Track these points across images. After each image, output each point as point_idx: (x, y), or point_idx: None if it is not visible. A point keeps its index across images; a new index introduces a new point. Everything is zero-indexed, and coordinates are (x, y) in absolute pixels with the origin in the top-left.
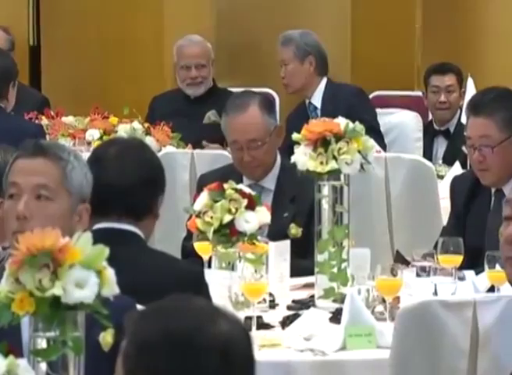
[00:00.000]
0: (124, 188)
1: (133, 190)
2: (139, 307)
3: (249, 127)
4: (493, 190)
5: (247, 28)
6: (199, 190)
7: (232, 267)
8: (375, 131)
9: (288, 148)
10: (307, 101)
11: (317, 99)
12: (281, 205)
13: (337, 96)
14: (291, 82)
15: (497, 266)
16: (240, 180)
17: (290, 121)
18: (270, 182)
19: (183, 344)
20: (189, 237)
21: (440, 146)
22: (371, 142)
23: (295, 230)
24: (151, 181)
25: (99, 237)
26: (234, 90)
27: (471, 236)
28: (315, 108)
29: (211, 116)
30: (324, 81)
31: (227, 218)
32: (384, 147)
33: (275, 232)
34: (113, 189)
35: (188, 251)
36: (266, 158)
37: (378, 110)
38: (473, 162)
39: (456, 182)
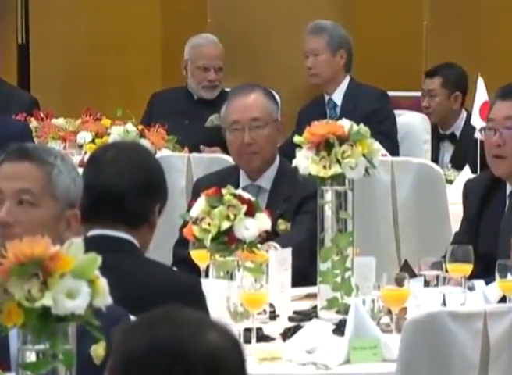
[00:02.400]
0: (119, 193)
1: (128, 195)
2: (133, 318)
3: (252, 106)
4: (508, 191)
5: (243, 25)
6: (195, 195)
7: (230, 276)
8: (391, 139)
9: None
10: (326, 97)
11: (338, 97)
12: (274, 204)
13: (359, 97)
14: (322, 72)
15: (509, 275)
16: (237, 182)
17: (304, 115)
18: (266, 182)
19: (170, 356)
20: (181, 242)
21: (447, 150)
22: (377, 145)
23: (283, 225)
24: (148, 187)
25: (92, 244)
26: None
27: (484, 242)
28: (335, 105)
29: (214, 119)
30: (347, 79)
31: (225, 225)
32: (397, 156)
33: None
34: (107, 193)
35: (180, 258)
36: (266, 146)
37: None
38: (490, 146)
39: (469, 186)
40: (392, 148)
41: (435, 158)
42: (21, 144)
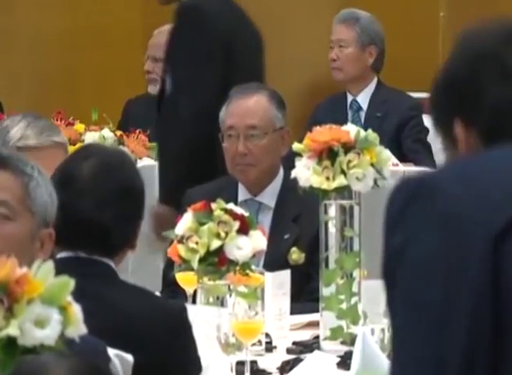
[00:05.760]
0: (103, 225)
1: (114, 226)
2: (110, 351)
3: (251, 112)
4: None
5: None
6: (185, 209)
7: (221, 303)
8: (428, 149)
9: None
10: (349, 98)
11: (364, 99)
12: (281, 225)
13: (390, 103)
14: (346, 67)
15: None
16: (235, 195)
17: (321, 112)
18: (269, 198)
19: None
20: (171, 263)
21: None
22: (387, 153)
23: (296, 255)
24: (135, 212)
25: (63, 266)
26: None
27: None
28: (359, 108)
29: None
30: (375, 81)
31: (215, 244)
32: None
33: (274, 257)
34: (90, 225)
35: (170, 281)
36: (263, 158)
37: None
38: None
39: None
40: (431, 157)
41: None
42: None
